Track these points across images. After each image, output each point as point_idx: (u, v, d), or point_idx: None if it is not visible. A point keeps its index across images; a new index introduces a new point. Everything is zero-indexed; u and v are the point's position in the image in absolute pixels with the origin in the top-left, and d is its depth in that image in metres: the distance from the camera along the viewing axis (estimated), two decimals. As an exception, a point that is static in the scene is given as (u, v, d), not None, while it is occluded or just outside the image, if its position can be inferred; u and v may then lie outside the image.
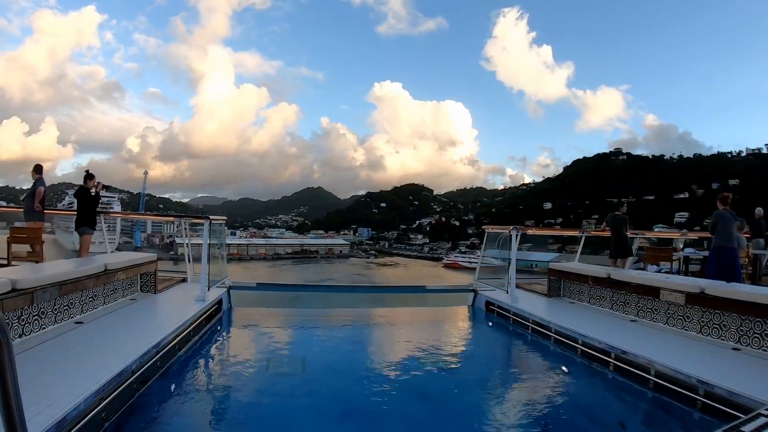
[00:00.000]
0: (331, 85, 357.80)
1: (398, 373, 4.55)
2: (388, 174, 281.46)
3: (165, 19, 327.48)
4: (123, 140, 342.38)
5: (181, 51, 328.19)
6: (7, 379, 0.86)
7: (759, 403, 2.91)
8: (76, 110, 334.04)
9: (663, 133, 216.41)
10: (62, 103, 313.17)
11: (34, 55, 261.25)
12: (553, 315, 5.89)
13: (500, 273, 7.65)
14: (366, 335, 6.29)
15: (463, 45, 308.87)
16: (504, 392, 4.30)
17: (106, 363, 3.35)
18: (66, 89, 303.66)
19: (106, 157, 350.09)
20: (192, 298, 5.95)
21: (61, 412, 2.53)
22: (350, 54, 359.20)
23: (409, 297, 8.59)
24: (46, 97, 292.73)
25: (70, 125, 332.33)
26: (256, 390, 3.95)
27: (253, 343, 5.70)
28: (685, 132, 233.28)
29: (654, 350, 4.19)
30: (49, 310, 4.24)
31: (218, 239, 7.65)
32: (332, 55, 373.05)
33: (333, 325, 6.71)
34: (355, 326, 6.70)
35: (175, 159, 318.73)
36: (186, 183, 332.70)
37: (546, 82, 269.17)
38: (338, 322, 6.92)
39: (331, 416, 3.47)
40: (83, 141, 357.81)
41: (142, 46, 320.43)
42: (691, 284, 4.96)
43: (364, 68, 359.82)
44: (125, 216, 44.46)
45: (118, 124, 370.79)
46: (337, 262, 77.64)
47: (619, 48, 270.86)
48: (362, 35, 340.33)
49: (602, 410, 3.92)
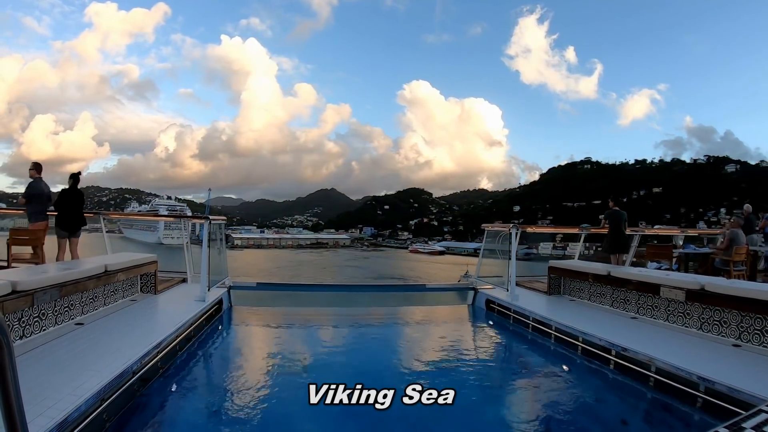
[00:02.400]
0: (362, 87, 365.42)
1: (398, 372, 4.55)
2: (412, 173, 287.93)
3: (201, 20, 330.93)
4: (154, 140, 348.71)
5: (216, 52, 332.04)
6: (8, 381, 0.86)
7: (760, 400, 2.92)
8: (106, 109, 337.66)
9: (702, 134, 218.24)
10: (92, 102, 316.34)
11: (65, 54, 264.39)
12: (553, 313, 5.90)
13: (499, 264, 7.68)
14: (366, 334, 6.29)
15: (487, 46, 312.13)
16: (505, 390, 4.30)
17: (107, 364, 3.35)
18: (100, 88, 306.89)
19: (137, 156, 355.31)
20: (192, 299, 5.95)
21: (62, 414, 2.53)
22: (380, 57, 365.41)
23: (409, 296, 8.60)
24: (79, 95, 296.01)
25: (102, 124, 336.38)
26: (257, 390, 3.95)
27: (254, 343, 5.70)
28: (727, 132, 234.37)
29: (654, 347, 4.19)
30: (50, 311, 4.23)
31: (218, 239, 7.64)
32: (363, 59, 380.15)
33: (333, 325, 6.71)
34: (355, 325, 6.70)
35: (208, 159, 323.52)
36: (204, 184, 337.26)
37: (576, 83, 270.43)
38: (338, 321, 6.92)
39: (332, 416, 3.47)
40: (114, 140, 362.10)
41: (178, 45, 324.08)
42: (691, 281, 4.96)
43: (393, 70, 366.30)
44: (124, 216, 44.47)
45: (148, 123, 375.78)
46: (341, 250, 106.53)
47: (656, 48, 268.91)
48: (392, 38, 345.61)
49: (603, 408, 3.92)
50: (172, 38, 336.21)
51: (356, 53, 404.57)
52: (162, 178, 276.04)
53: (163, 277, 7.09)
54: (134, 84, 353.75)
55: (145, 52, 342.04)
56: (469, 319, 7.19)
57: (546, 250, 50.30)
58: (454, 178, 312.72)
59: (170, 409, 3.47)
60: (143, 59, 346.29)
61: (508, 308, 6.53)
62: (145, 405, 3.38)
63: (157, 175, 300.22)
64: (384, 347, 5.66)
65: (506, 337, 6.18)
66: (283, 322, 6.78)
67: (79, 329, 4.34)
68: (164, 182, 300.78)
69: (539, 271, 8.40)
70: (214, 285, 6.62)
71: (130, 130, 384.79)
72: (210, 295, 6.10)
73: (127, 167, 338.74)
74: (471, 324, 7.08)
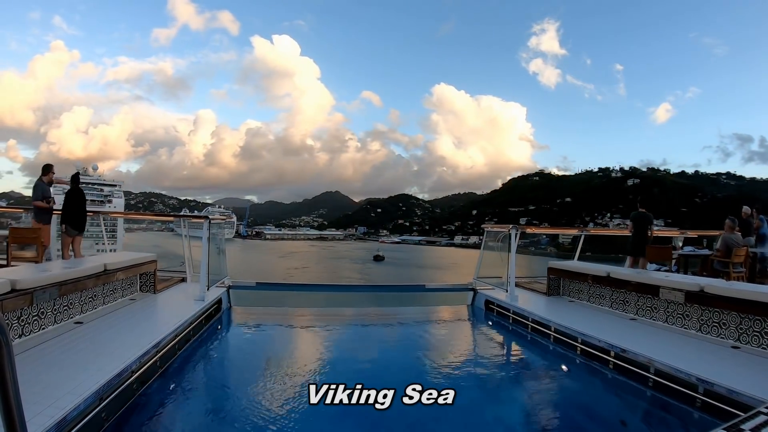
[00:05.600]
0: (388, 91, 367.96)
1: (398, 372, 4.55)
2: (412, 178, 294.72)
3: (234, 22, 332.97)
4: (181, 139, 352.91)
5: (250, 53, 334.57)
6: (7, 380, 0.86)
7: (759, 401, 2.92)
8: (136, 109, 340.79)
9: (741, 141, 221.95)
10: (120, 102, 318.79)
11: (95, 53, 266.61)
12: (552, 314, 5.90)
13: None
14: (365, 334, 6.29)
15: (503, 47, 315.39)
16: (504, 391, 4.30)
17: (106, 363, 3.35)
18: (131, 87, 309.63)
19: (164, 155, 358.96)
20: (191, 298, 5.95)
21: (62, 413, 2.53)
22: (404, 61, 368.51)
23: (408, 296, 8.59)
24: (109, 94, 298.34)
25: (131, 122, 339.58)
26: (256, 389, 3.95)
27: (253, 343, 5.70)
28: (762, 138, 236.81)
29: (653, 349, 4.19)
30: (49, 310, 4.23)
31: (218, 239, 7.65)
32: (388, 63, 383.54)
33: (332, 324, 6.70)
34: (354, 325, 6.70)
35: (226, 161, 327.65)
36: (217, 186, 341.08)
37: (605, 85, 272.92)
38: (338, 321, 6.92)
39: (332, 416, 3.47)
40: (141, 138, 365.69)
41: (215, 46, 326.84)
42: (691, 282, 4.96)
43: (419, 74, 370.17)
44: (125, 216, 44.40)
45: (178, 122, 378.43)
46: (336, 242, 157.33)
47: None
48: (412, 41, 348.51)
49: (602, 409, 3.92)
50: (202, 38, 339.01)
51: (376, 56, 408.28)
52: (194, 177, 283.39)
53: (162, 277, 7.08)
54: (166, 82, 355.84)
55: (182, 52, 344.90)
56: (468, 320, 7.19)
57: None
58: (456, 180, 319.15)
59: (169, 409, 3.47)
60: (180, 57, 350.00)
61: (508, 309, 6.53)
62: (144, 404, 3.38)
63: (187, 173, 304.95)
64: (383, 347, 5.66)
65: (505, 338, 6.18)
66: (282, 321, 6.77)
67: (78, 328, 4.34)
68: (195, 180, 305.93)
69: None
70: (214, 284, 6.62)
71: (157, 131, 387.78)
72: (209, 294, 6.10)
73: (153, 167, 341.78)
74: (470, 324, 7.08)
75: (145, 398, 3.46)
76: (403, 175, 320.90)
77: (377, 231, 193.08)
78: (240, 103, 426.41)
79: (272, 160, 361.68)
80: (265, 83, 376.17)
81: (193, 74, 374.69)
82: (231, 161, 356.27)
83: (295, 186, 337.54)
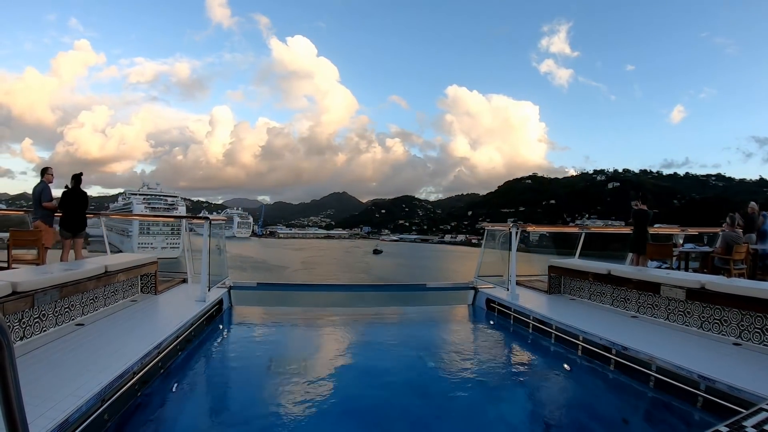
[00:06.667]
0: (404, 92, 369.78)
1: (399, 371, 4.55)
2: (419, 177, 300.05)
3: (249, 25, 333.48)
4: (196, 138, 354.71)
5: (267, 54, 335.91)
6: (9, 382, 0.86)
7: (760, 398, 2.92)
8: (152, 109, 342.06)
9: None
10: (134, 102, 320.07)
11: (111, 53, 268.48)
12: (553, 312, 5.90)
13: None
14: (366, 334, 6.29)
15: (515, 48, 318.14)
16: (505, 390, 4.30)
17: (108, 364, 3.36)
18: (147, 88, 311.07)
19: (179, 154, 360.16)
20: (192, 299, 5.96)
21: (63, 414, 2.53)
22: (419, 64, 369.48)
23: (409, 295, 8.58)
24: (124, 95, 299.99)
25: (151, 122, 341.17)
26: (257, 389, 3.95)
27: (254, 343, 5.69)
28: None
29: (655, 346, 4.19)
30: (50, 312, 4.23)
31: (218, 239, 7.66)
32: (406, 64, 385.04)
33: (333, 324, 6.70)
34: (355, 325, 6.69)
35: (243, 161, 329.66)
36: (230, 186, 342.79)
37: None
38: (339, 320, 6.91)
39: (332, 415, 3.47)
40: (157, 138, 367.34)
41: (232, 47, 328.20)
42: (692, 280, 4.96)
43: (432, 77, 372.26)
44: (124, 216, 44.44)
45: (191, 123, 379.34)
46: (342, 240, 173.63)
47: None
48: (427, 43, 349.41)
49: (604, 407, 3.92)
50: (220, 39, 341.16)
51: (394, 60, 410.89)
52: (210, 177, 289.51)
53: (163, 278, 7.09)
54: (184, 82, 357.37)
55: (200, 54, 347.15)
56: (469, 319, 7.19)
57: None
58: (474, 180, 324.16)
59: (171, 410, 3.47)
60: (197, 59, 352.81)
61: (509, 308, 6.53)
62: (146, 405, 3.38)
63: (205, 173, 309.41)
64: (385, 347, 5.65)
65: (507, 337, 6.18)
66: (283, 322, 6.77)
67: (79, 330, 4.35)
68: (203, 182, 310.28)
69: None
70: (215, 285, 6.63)
71: (172, 131, 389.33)
72: (210, 295, 6.10)
73: (169, 167, 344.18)
74: (471, 323, 7.07)
75: (147, 399, 3.46)
76: (420, 175, 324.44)
77: (380, 231, 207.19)
78: (257, 104, 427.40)
79: (292, 160, 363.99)
80: (283, 84, 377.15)
81: (209, 75, 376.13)
82: (251, 161, 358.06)
83: (308, 186, 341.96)
